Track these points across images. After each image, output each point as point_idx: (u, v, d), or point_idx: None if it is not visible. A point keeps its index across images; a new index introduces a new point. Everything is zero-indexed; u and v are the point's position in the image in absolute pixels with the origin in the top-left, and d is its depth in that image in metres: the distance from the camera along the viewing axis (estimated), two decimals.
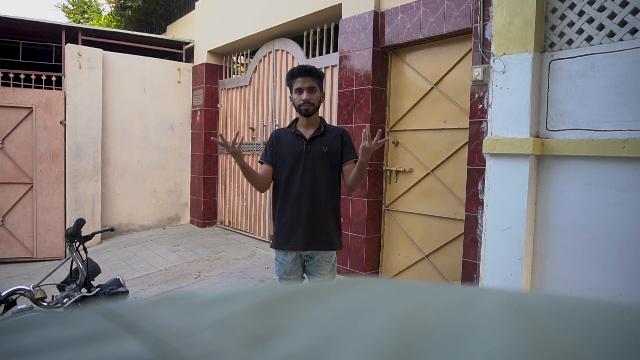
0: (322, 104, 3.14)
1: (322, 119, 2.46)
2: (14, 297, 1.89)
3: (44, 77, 5.87)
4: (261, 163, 2.49)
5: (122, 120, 6.34)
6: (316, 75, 2.35)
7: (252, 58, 5.99)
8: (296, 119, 2.49)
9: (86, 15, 12.42)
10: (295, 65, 5.47)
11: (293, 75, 2.36)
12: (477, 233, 3.13)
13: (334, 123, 4.42)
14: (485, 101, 3.08)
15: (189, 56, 6.98)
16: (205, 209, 6.59)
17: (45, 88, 5.94)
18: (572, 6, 2.56)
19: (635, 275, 2.30)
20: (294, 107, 2.43)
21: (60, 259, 5.77)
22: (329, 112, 4.61)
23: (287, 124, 5.43)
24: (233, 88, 6.30)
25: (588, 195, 2.47)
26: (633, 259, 2.31)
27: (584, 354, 0.15)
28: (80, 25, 6.63)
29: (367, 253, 4.07)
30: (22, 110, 5.71)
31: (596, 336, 0.16)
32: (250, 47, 5.99)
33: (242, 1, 5.74)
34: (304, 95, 2.33)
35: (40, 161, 5.79)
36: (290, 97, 2.46)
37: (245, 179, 6.05)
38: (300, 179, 2.36)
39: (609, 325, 0.16)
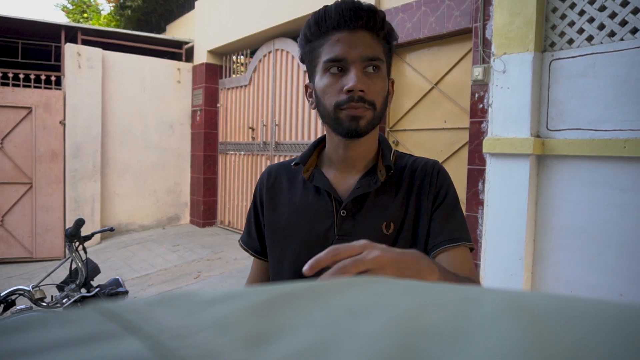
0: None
1: (383, 143, 0.95)
2: (13, 297, 1.90)
3: (43, 77, 5.87)
4: (245, 249, 1.07)
5: (122, 120, 6.34)
6: (381, 28, 0.84)
7: (252, 58, 5.99)
8: (317, 144, 0.98)
9: (85, 15, 12.42)
10: (296, 65, 5.46)
11: (323, 21, 0.83)
12: (477, 233, 3.13)
13: None
14: (485, 101, 3.08)
15: (189, 56, 6.98)
16: (205, 209, 6.59)
17: (45, 88, 5.93)
18: (572, 6, 2.56)
19: (636, 275, 2.30)
20: (319, 113, 0.90)
21: (60, 259, 5.77)
22: None
23: (288, 129, 5.45)
24: (233, 88, 6.30)
25: (589, 195, 2.47)
26: (634, 259, 2.31)
27: (584, 354, 0.15)
28: (79, 24, 6.63)
29: None
30: (22, 110, 5.71)
31: (596, 336, 0.16)
32: (250, 46, 5.99)
33: (242, 1, 5.74)
34: (353, 80, 0.80)
35: (40, 161, 5.79)
36: (308, 88, 0.94)
37: (244, 179, 6.08)
38: None
39: (609, 325, 0.16)
